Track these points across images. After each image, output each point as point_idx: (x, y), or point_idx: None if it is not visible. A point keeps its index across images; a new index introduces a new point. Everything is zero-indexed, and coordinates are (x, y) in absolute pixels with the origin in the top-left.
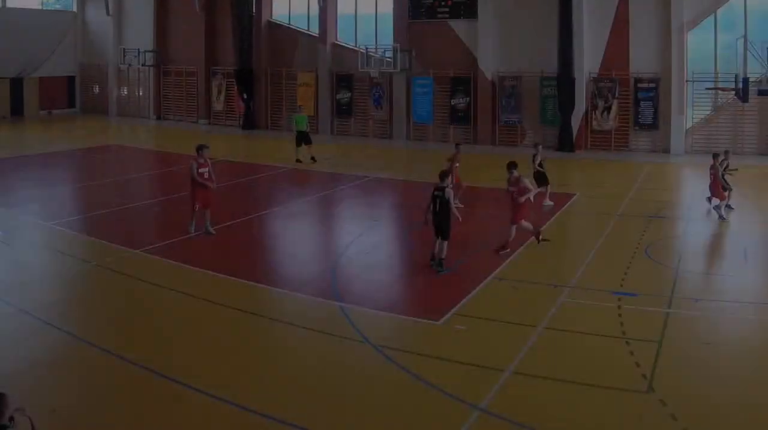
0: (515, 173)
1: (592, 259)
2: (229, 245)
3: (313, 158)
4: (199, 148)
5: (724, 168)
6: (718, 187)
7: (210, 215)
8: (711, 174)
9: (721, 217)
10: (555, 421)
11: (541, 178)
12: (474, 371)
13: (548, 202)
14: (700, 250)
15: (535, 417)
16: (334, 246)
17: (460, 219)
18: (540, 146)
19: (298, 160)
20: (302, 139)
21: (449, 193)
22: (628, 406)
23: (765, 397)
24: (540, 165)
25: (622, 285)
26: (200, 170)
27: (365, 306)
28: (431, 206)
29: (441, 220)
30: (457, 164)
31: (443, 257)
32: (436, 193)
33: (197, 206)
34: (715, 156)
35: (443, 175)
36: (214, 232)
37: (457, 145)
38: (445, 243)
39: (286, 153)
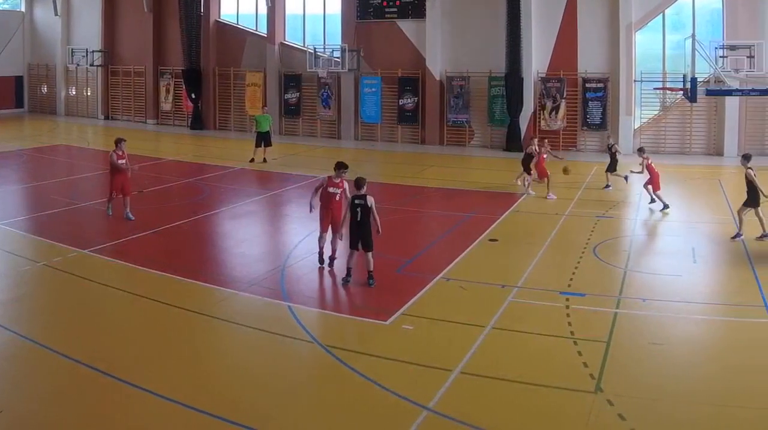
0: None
1: (540, 259)
2: (177, 244)
3: (264, 160)
4: (118, 142)
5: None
6: (656, 179)
7: (129, 202)
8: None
9: (665, 206)
10: (503, 421)
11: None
12: (422, 370)
13: (532, 192)
14: (649, 249)
15: (482, 417)
16: (282, 246)
17: (380, 232)
18: (535, 140)
19: (252, 160)
20: (262, 139)
21: (372, 200)
22: (576, 406)
23: (713, 396)
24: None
25: (570, 285)
26: (119, 161)
27: (313, 306)
28: (351, 216)
29: (364, 230)
30: (545, 156)
31: (371, 269)
32: (356, 201)
33: (115, 194)
34: (641, 151)
35: (360, 182)
36: (133, 217)
37: (542, 138)
38: (371, 254)
39: (235, 153)
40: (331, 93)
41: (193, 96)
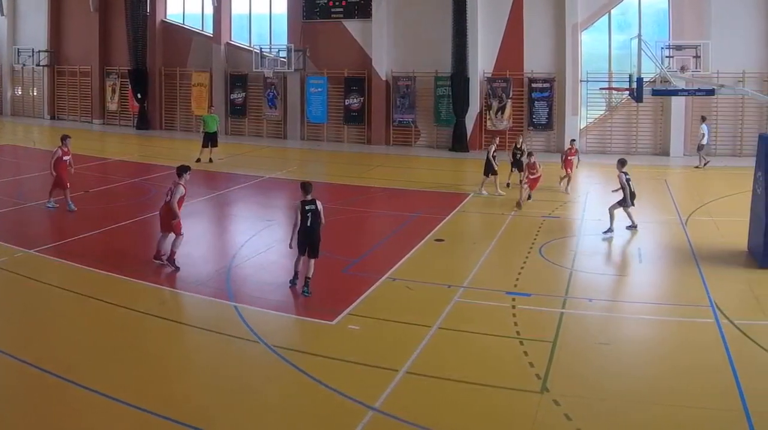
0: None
1: (486, 259)
2: (123, 244)
3: (210, 160)
4: (63, 138)
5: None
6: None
7: (69, 193)
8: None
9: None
10: (448, 421)
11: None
12: (368, 371)
13: (485, 192)
14: (595, 250)
15: (428, 417)
16: (228, 246)
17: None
18: (497, 139)
19: (198, 160)
20: (209, 140)
21: (321, 205)
22: (522, 406)
23: (659, 396)
24: (493, 156)
25: (516, 285)
26: (64, 158)
27: (259, 306)
28: (301, 222)
29: (314, 237)
30: (571, 158)
31: (310, 276)
32: (307, 207)
33: (59, 187)
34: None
35: (307, 187)
36: (75, 208)
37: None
38: (313, 261)
39: (181, 153)
40: (277, 93)
41: (139, 96)
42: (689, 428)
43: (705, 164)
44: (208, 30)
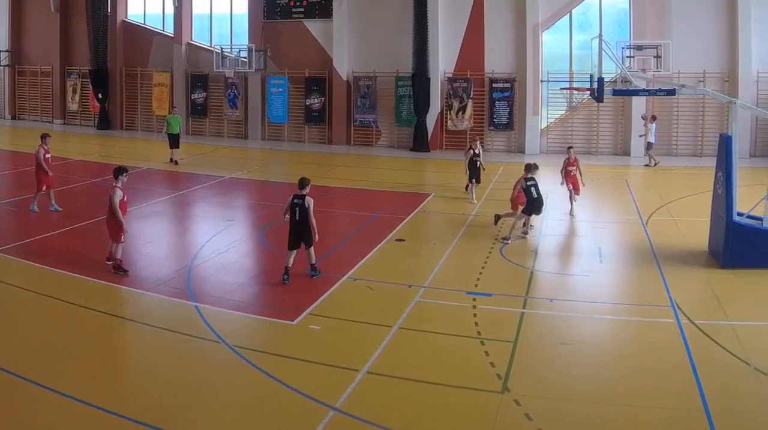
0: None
1: (447, 259)
2: (85, 244)
3: (175, 162)
4: (43, 137)
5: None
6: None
7: (54, 195)
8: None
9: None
10: (410, 421)
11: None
12: (329, 370)
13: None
14: (556, 250)
15: (389, 417)
16: (189, 246)
17: (317, 238)
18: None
19: (175, 162)
20: (173, 140)
21: (309, 201)
22: (483, 406)
23: (619, 396)
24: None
25: (477, 285)
26: (47, 156)
27: (220, 306)
28: (290, 215)
29: (303, 229)
30: (571, 169)
31: (313, 262)
32: (295, 201)
33: (43, 188)
34: (570, 149)
35: (302, 183)
36: (60, 208)
37: (569, 148)
38: (311, 249)
39: (141, 153)
40: (238, 93)
41: (100, 96)
42: (650, 428)
43: (655, 164)
44: (169, 30)
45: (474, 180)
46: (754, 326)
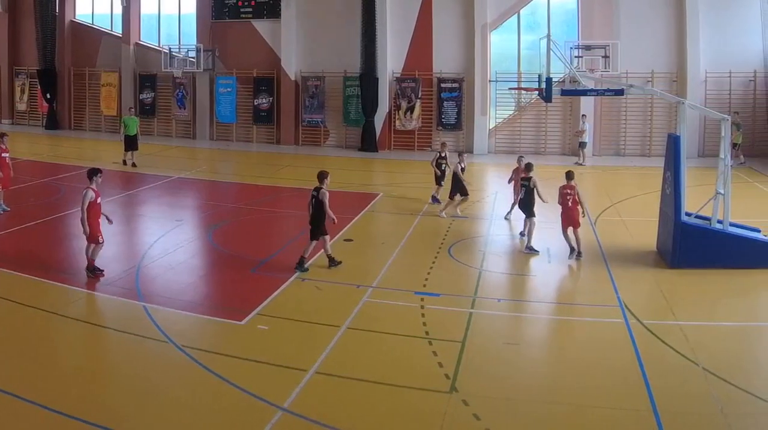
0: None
1: (395, 259)
2: (32, 245)
3: (133, 164)
4: (1, 136)
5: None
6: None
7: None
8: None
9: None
10: (358, 421)
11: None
12: (277, 371)
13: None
14: (504, 250)
15: (338, 417)
16: (138, 246)
17: (335, 221)
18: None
19: (133, 165)
20: (130, 143)
21: (324, 193)
22: (432, 406)
23: (567, 396)
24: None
25: (425, 285)
26: (3, 155)
27: (169, 306)
28: (308, 207)
29: (317, 220)
30: (568, 193)
31: (329, 252)
32: (313, 192)
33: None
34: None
35: (319, 176)
36: (8, 209)
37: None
38: (326, 239)
39: (90, 153)
40: (187, 93)
41: (48, 96)
42: (599, 428)
43: (584, 163)
44: (118, 30)
45: (440, 184)
46: (703, 326)
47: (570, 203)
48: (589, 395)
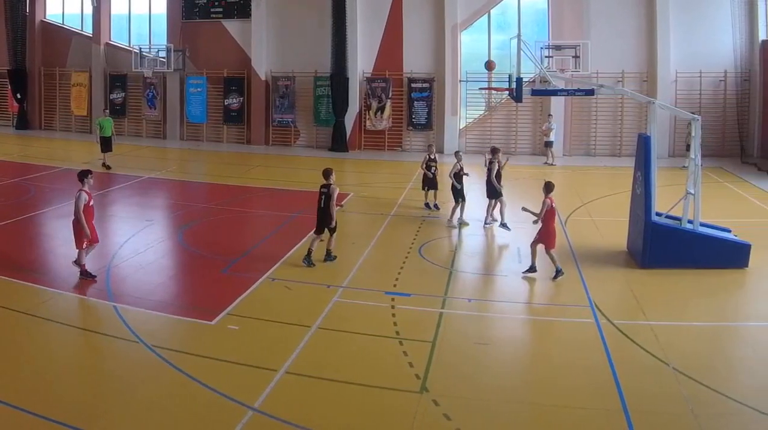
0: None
1: (366, 259)
2: (2, 244)
3: (107, 166)
4: None
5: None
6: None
7: None
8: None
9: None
10: (329, 421)
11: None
12: (247, 371)
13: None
14: (474, 250)
15: (308, 417)
16: (108, 246)
17: (334, 222)
18: (499, 153)
19: (108, 167)
20: (105, 144)
21: (334, 189)
22: (402, 406)
23: (538, 396)
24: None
25: (395, 285)
26: None
27: (139, 306)
28: (318, 203)
29: (324, 215)
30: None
31: (330, 247)
32: (322, 190)
33: None
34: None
35: (325, 173)
36: None
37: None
38: (332, 235)
39: (60, 153)
40: (157, 93)
41: (18, 96)
42: (569, 427)
43: (553, 163)
44: (88, 30)
45: (429, 190)
46: (673, 326)
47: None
48: (559, 395)
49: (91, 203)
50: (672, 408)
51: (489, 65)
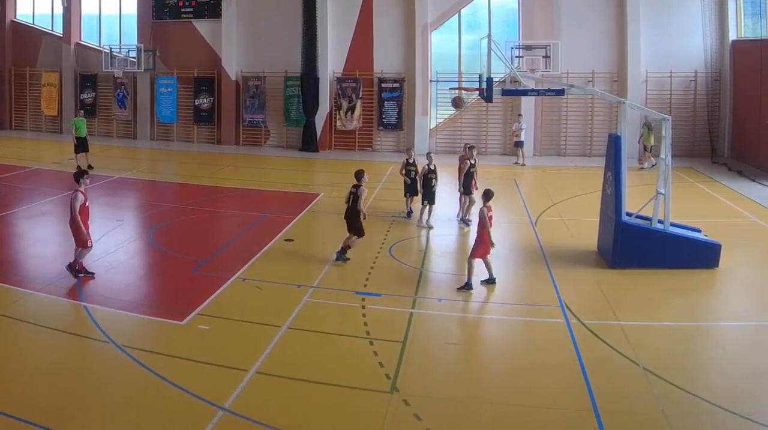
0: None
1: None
2: None
3: (90, 166)
4: None
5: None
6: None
7: None
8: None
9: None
10: (299, 421)
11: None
12: (218, 370)
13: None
14: (444, 250)
15: (279, 417)
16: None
17: (366, 217)
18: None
19: (89, 166)
20: (80, 145)
21: (363, 190)
22: (373, 406)
23: (507, 395)
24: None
25: (366, 285)
26: None
27: (109, 306)
28: (347, 201)
29: (349, 215)
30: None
31: (343, 246)
32: (351, 189)
33: None
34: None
35: (356, 174)
36: None
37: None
38: (353, 237)
39: (31, 153)
40: (127, 93)
41: None
42: (540, 427)
43: (522, 164)
44: (58, 30)
45: (411, 196)
46: (643, 326)
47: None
48: (530, 395)
49: (87, 204)
50: (642, 408)
51: (457, 103)
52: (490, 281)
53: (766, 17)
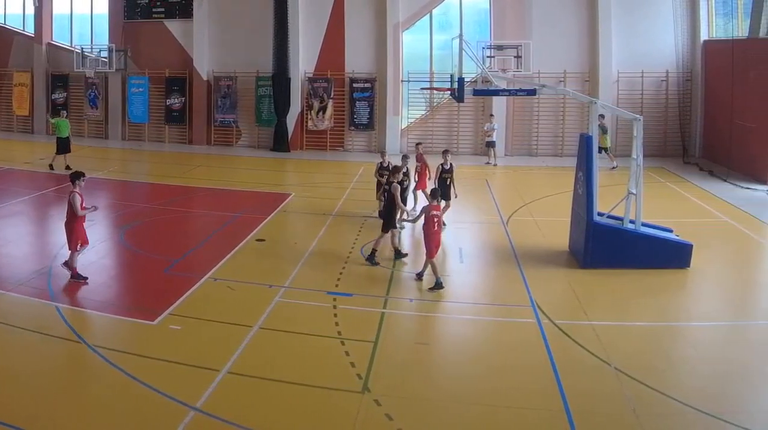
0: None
1: (308, 259)
2: None
3: (67, 167)
4: None
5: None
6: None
7: None
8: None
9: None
10: (271, 421)
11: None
12: (189, 370)
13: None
14: (416, 250)
15: (250, 417)
16: (50, 246)
17: (408, 213)
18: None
19: (50, 167)
20: (63, 145)
21: (396, 187)
22: (344, 406)
23: (479, 396)
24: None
25: (337, 285)
26: None
27: (81, 306)
28: (383, 196)
29: (385, 212)
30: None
31: (375, 247)
32: (385, 186)
33: None
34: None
35: (394, 170)
36: None
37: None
38: (383, 235)
39: (3, 153)
40: (99, 93)
41: None
42: (511, 428)
43: (494, 164)
44: (30, 30)
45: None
46: (615, 326)
47: (436, 227)
48: (501, 395)
49: (83, 205)
50: (614, 408)
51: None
52: (419, 278)
53: (737, 17)
